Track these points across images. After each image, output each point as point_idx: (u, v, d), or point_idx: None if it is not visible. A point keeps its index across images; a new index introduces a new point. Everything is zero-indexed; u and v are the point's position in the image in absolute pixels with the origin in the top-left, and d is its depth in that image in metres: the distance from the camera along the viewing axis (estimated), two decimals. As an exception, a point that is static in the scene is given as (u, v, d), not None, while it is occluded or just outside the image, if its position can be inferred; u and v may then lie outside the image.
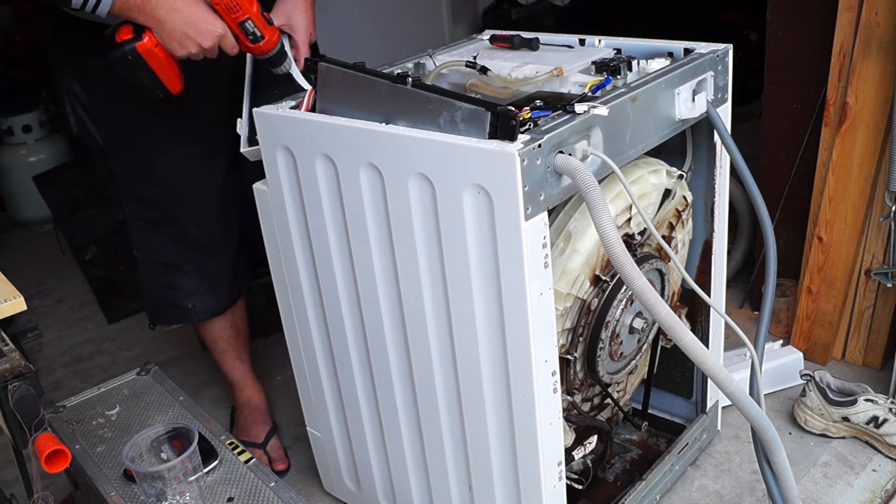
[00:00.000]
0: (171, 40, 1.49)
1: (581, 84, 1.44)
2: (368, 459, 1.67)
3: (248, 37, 1.52)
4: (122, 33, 1.50)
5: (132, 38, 1.49)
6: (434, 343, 1.38)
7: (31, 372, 1.25)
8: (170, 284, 1.88)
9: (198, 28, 1.48)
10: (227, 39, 1.52)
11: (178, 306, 1.90)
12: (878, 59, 1.88)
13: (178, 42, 1.49)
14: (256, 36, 1.52)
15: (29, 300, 1.22)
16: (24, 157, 3.58)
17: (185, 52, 1.51)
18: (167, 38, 1.49)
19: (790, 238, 2.22)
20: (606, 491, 1.74)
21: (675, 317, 1.19)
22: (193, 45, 1.49)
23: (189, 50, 1.50)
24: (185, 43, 1.49)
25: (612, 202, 1.43)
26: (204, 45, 1.50)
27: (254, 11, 1.51)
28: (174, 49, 1.50)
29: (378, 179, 1.31)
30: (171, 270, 1.87)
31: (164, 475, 1.28)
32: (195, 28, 1.48)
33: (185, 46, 1.50)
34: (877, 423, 1.83)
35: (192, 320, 1.95)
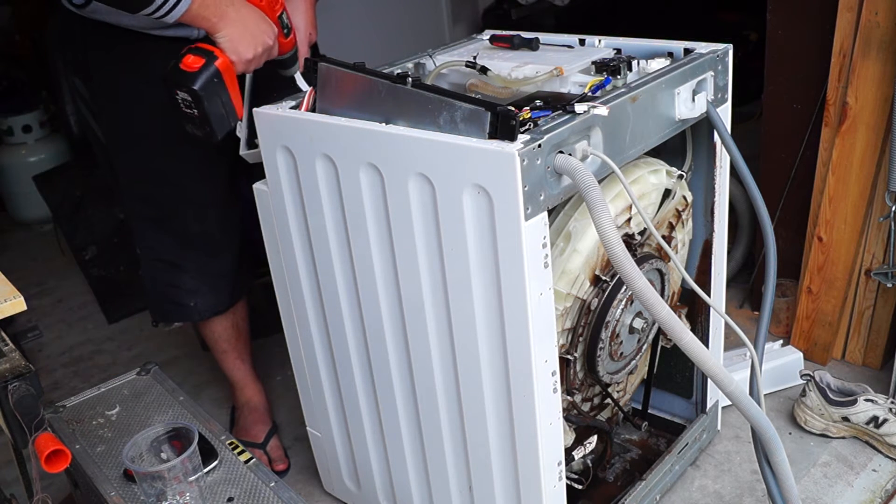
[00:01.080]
0: (244, 41, 1.47)
1: (581, 84, 1.44)
2: (368, 459, 1.67)
3: (284, 30, 1.53)
4: (189, 62, 1.43)
5: (207, 60, 1.43)
6: (434, 343, 1.38)
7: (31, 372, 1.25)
8: (172, 282, 1.89)
9: (261, 26, 1.49)
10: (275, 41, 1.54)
11: (181, 304, 1.90)
12: (878, 59, 1.88)
13: (249, 42, 1.47)
14: (289, 28, 1.54)
15: (29, 300, 1.22)
16: (24, 157, 3.58)
17: (254, 53, 1.49)
18: (240, 39, 1.46)
19: (790, 238, 2.22)
20: (606, 491, 1.74)
21: (675, 317, 1.19)
22: (261, 43, 1.49)
23: (257, 49, 1.49)
24: (255, 41, 1.48)
25: (612, 202, 1.43)
26: (268, 42, 1.50)
27: (283, 3, 1.53)
28: (245, 51, 1.47)
29: (378, 179, 1.31)
30: (173, 268, 1.88)
31: (164, 475, 1.28)
32: (260, 25, 1.49)
33: (254, 46, 1.48)
34: (877, 423, 1.83)
35: (194, 319, 1.95)
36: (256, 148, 1.55)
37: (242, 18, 1.47)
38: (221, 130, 1.50)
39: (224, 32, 1.46)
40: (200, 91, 1.43)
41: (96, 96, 1.77)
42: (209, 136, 1.50)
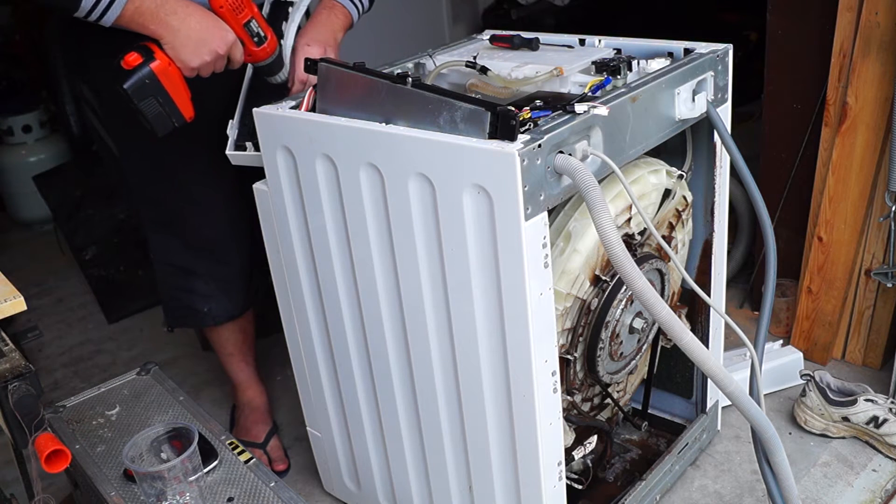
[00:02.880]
0: (185, 49, 1.44)
1: (581, 84, 1.44)
2: (368, 459, 1.67)
3: (254, 38, 1.51)
4: (130, 60, 1.44)
5: (144, 60, 1.44)
6: (434, 343, 1.38)
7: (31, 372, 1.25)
8: (185, 288, 1.89)
9: (212, 33, 1.46)
10: (236, 46, 1.51)
11: (194, 310, 1.91)
12: (878, 59, 1.88)
13: (192, 50, 1.45)
14: (261, 37, 1.51)
15: (29, 300, 1.22)
16: (24, 157, 3.58)
17: (200, 62, 1.47)
18: (181, 47, 1.44)
19: (790, 238, 2.22)
20: (606, 491, 1.74)
21: (675, 317, 1.19)
22: (208, 51, 1.46)
23: (203, 58, 1.46)
24: (200, 50, 1.45)
25: (612, 202, 1.43)
26: (219, 51, 1.47)
27: (255, 11, 1.50)
28: (189, 59, 1.46)
29: (378, 179, 1.31)
30: (185, 274, 1.88)
31: (164, 475, 1.28)
32: (209, 32, 1.45)
33: (199, 54, 1.46)
34: (877, 423, 1.83)
35: (207, 324, 1.96)
36: (244, 151, 1.55)
37: (187, 27, 1.44)
38: (162, 129, 1.50)
39: (166, 39, 1.45)
40: (129, 90, 1.44)
41: (103, 103, 1.77)
42: (152, 132, 1.51)
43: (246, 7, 1.49)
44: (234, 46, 1.50)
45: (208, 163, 1.77)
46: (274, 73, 1.60)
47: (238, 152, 1.57)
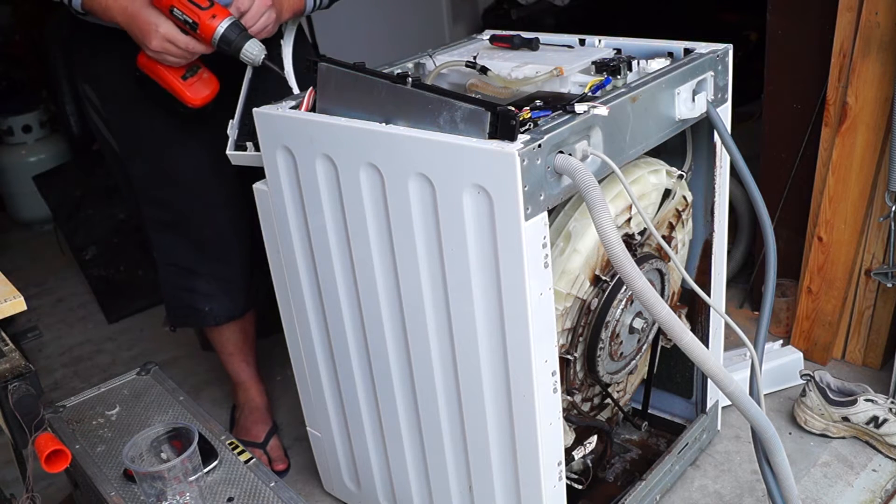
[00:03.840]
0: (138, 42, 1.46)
1: (581, 84, 1.44)
2: (368, 459, 1.67)
3: (186, 24, 1.46)
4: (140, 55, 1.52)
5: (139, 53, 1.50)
6: (434, 343, 1.38)
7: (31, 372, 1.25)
8: (187, 287, 1.90)
9: (142, 29, 1.44)
10: (174, 36, 1.46)
11: (196, 309, 1.92)
12: (878, 59, 1.88)
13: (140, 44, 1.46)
14: (189, 23, 1.46)
15: (29, 300, 1.22)
16: (24, 157, 3.58)
17: (151, 54, 1.47)
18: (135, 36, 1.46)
19: (790, 238, 2.22)
20: (606, 491, 1.74)
21: (675, 317, 1.19)
22: (146, 48, 1.45)
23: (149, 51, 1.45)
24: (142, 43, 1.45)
25: (612, 202, 1.43)
26: (151, 47, 1.45)
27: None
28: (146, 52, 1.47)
29: (378, 179, 1.31)
30: (187, 274, 1.89)
31: (164, 475, 1.28)
32: (141, 30, 1.45)
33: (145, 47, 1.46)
34: (877, 423, 1.83)
35: (209, 324, 1.96)
36: (245, 151, 1.55)
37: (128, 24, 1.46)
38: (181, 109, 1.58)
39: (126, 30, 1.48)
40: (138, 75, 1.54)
41: (107, 103, 1.77)
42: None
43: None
44: (171, 37, 1.46)
45: (209, 163, 1.77)
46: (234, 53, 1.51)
47: (238, 152, 1.57)
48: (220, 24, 1.46)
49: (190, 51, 1.49)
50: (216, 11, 1.47)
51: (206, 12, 1.45)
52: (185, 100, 1.54)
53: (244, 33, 1.49)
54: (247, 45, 1.49)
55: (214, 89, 1.59)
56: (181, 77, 1.54)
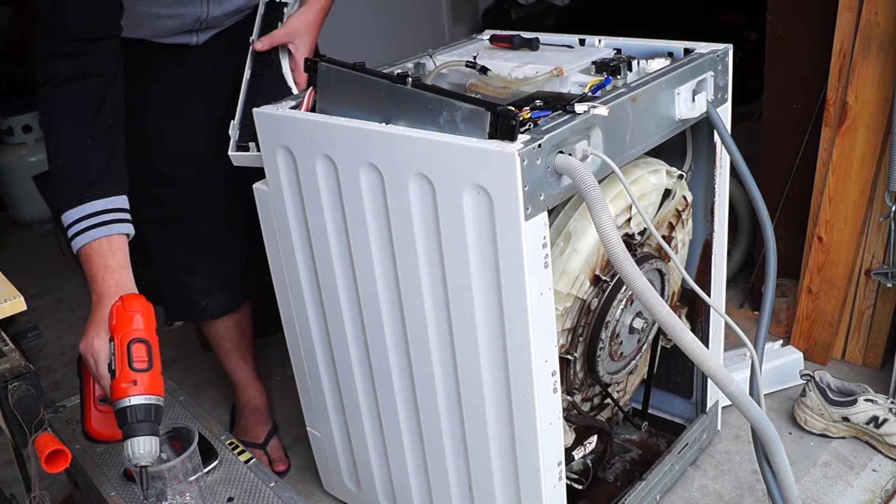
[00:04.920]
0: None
1: (581, 84, 1.44)
2: (368, 459, 1.67)
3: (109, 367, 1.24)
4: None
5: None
6: (434, 343, 1.38)
7: (31, 372, 1.25)
8: (183, 283, 1.92)
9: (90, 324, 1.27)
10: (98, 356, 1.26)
11: (192, 304, 1.94)
12: (878, 59, 1.88)
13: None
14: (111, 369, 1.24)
15: (29, 300, 1.22)
16: (24, 157, 3.58)
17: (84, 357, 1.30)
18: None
19: (790, 238, 2.22)
20: (606, 491, 1.74)
21: (675, 317, 1.19)
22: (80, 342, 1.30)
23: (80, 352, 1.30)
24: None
25: (612, 202, 1.43)
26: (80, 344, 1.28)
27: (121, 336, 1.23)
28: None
29: (378, 179, 1.31)
30: (183, 270, 1.91)
31: (164, 475, 1.28)
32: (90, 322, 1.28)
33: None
34: (877, 423, 1.83)
35: (205, 318, 1.98)
36: (246, 151, 1.55)
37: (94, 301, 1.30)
38: None
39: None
40: None
41: None
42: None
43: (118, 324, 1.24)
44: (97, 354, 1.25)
45: (204, 161, 1.78)
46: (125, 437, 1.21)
47: (240, 153, 1.57)
48: (131, 396, 1.20)
49: (103, 385, 1.26)
50: (141, 380, 1.21)
51: (130, 374, 1.21)
52: (85, 424, 1.34)
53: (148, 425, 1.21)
54: (136, 440, 1.20)
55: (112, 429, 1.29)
56: (99, 399, 1.33)
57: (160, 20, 1.61)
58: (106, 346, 1.25)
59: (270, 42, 1.66)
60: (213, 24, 1.70)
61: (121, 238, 1.34)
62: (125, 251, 1.35)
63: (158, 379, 1.23)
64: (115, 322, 1.24)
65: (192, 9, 1.62)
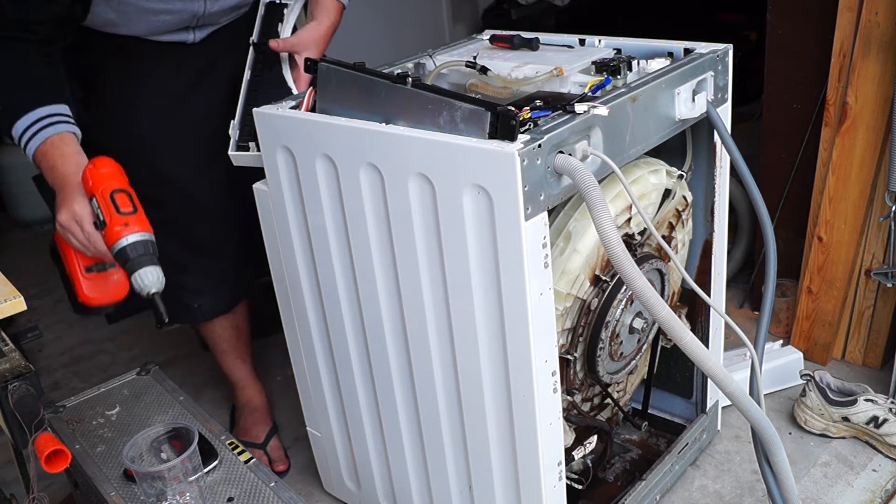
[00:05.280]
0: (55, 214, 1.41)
1: (581, 84, 1.44)
2: (368, 459, 1.67)
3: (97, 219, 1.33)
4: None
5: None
6: (434, 343, 1.38)
7: (31, 372, 1.25)
8: (176, 283, 1.88)
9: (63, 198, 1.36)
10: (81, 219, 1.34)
11: (185, 305, 1.91)
12: (878, 59, 1.88)
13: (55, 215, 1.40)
14: (100, 220, 1.32)
15: (29, 300, 1.22)
16: (24, 157, 3.52)
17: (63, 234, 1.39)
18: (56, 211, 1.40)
19: (790, 238, 2.22)
20: (606, 491, 1.74)
21: (675, 317, 1.19)
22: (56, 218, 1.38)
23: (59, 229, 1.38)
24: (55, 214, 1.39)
25: (612, 202, 1.43)
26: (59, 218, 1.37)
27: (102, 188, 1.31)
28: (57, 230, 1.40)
29: (378, 179, 1.31)
30: (176, 270, 1.87)
31: (164, 475, 1.28)
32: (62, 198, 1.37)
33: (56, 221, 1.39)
34: (877, 423, 1.83)
35: (198, 319, 1.96)
36: (247, 151, 1.55)
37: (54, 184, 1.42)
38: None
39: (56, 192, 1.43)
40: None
41: (96, 104, 1.77)
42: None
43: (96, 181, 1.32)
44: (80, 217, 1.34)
45: (200, 162, 1.77)
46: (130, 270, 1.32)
47: (240, 153, 1.56)
48: (126, 236, 1.27)
49: (92, 244, 1.34)
50: (132, 221, 1.29)
51: (120, 217, 1.28)
52: (77, 293, 1.39)
53: (149, 257, 1.30)
54: (143, 270, 1.29)
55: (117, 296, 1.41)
56: (85, 268, 1.38)
57: (156, 15, 1.61)
58: (87, 207, 1.33)
59: (284, 46, 1.66)
60: (209, 20, 1.70)
61: (70, 135, 1.45)
62: (77, 144, 1.45)
63: (145, 219, 1.31)
64: (91, 182, 1.32)
65: (188, 3, 1.62)
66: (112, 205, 1.29)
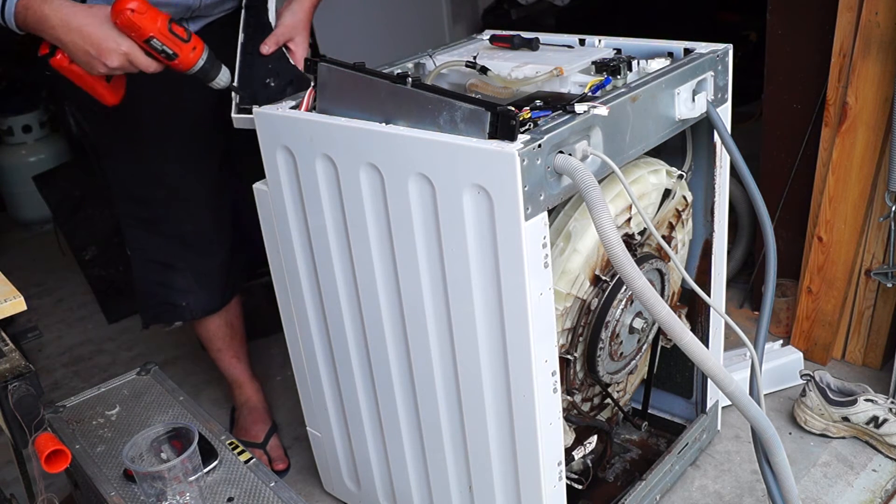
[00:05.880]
0: (77, 60, 1.45)
1: (581, 84, 1.44)
2: (368, 459, 1.67)
3: (161, 54, 1.45)
4: (42, 47, 1.48)
5: (48, 53, 1.47)
6: (434, 343, 1.38)
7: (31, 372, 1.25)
8: (164, 283, 1.88)
9: (100, 48, 1.42)
10: (136, 57, 1.44)
11: (173, 305, 1.90)
12: (878, 59, 1.88)
13: (83, 62, 1.44)
14: (168, 54, 1.45)
15: (29, 300, 1.22)
16: (24, 157, 3.58)
17: (96, 72, 1.45)
18: (73, 57, 1.45)
19: (790, 238, 2.22)
20: (606, 491, 1.74)
21: (675, 317, 1.19)
22: (99, 64, 1.44)
23: (98, 69, 1.44)
24: (90, 63, 1.44)
25: (612, 202, 1.43)
26: (110, 65, 1.43)
27: (158, 28, 1.42)
28: (83, 67, 1.46)
29: (378, 179, 1.31)
30: (165, 269, 1.88)
31: (164, 475, 1.28)
32: (97, 48, 1.42)
33: (92, 66, 1.44)
34: (877, 423, 1.83)
35: (186, 318, 1.94)
36: (249, 114, 1.54)
37: (72, 41, 1.43)
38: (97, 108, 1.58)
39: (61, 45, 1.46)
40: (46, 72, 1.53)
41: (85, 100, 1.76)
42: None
43: (143, 26, 1.42)
44: (134, 59, 1.44)
45: (189, 157, 1.77)
46: (207, 81, 1.52)
47: (242, 115, 1.56)
48: (201, 56, 1.48)
49: (148, 72, 1.47)
50: (196, 44, 1.48)
51: (187, 45, 1.46)
52: (104, 100, 1.54)
53: (218, 63, 1.52)
54: (220, 75, 1.53)
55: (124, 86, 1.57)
56: (106, 80, 1.52)
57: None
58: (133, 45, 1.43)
59: (276, 43, 1.65)
60: (203, 13, 1.70)
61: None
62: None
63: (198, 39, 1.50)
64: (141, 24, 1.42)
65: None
66: (175, 38, 1.45)
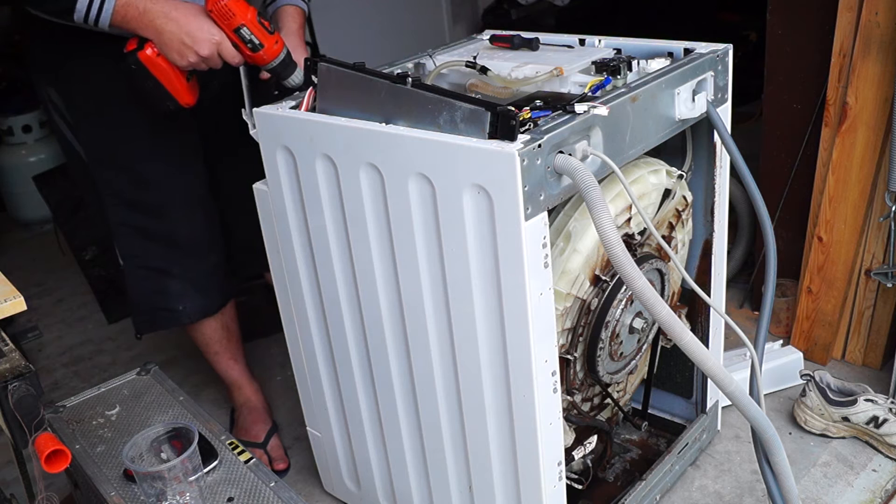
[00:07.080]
0: (170, 50, 1.52)
1: (581, 84, 1.44)
2: (368, 459, 1.67)
3: (247, 45, 1.53)
4: (129, 44, 1.55)
5: (135, 48, 1.54)
6: (434, 343, 1.38)
7: (31, 372, 1.25)
8: (159, 289, 1.87)
9: (194, 37, 1.51)
10: (225, 48, 1.53)
11: (169, 310, 1.89)
12: (878, 59, 1.88)
13: (176, 51, 1.52)
14: (255, 44, 1.53)
15: (29, 300, 1.22)
16: (24, 157, 3.58)
17: (185, 62, 1.53)
18: (166, 47, 1.52)
19: (790, 238, 2.22)
20: (606, 491, 1.74)
21: (675, 317, 1.19)
22: (191, 53, 1.52)
23: (188, 59, 1.52)
24: (183, 52, 1.52)
25: (612, 202, 1.43)
26: (201, 53, 1.52)
27: (249, 18, 1.51)
28: (174, 59, 1.53)
29: (378, 179, 1.31)
30: (159, 275, 1.86)
31: (164, 475, 1.28)
32: (192, 37, 1.50)
33: (183, 55, 1.52)
34: (877, 423, 1.83)
35: (183, 322, 1.94)
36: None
37: (170, 30, 1.51)
38: (157, 110, 1.62)
39: (153, 39, 1.53)
40: (124, 73, 1.57)
41: (75, 107, 1.76)
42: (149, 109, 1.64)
43: (237, 14, 1.50)
44: (223, 47, 1.53)
45: (181, 159, 1.77)
46: (284, 78, 1.59)
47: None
48: (282, 50, 1.56)
49: (232, 63, 1.56)
50: (278, 39, 1.56)
51: (271, 37, 1.55)
52: (182, 99, 1.60)
53: (294, 61, 1.60)
54: (295, 73, 1.60)
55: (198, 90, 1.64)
56: (186, 78, 1.59)
57: None
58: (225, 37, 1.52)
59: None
60: None
61: None
62: None
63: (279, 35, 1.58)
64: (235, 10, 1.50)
65: None
66: (263, 29, 1.53)
